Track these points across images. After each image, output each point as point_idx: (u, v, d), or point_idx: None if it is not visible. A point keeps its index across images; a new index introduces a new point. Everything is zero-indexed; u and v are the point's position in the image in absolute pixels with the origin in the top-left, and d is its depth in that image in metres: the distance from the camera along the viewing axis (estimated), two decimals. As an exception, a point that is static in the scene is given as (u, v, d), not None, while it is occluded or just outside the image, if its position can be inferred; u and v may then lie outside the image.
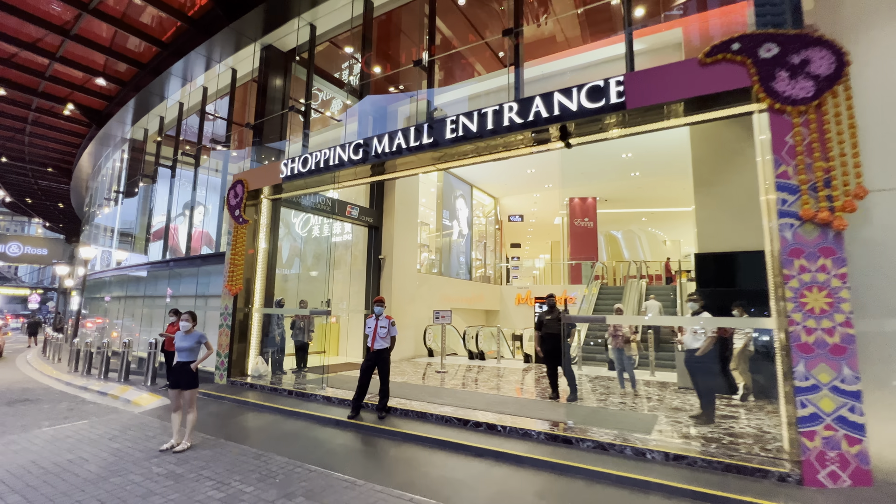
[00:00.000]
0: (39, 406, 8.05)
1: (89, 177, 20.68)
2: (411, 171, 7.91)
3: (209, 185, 13.11)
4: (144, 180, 15.99)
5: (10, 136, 18.29)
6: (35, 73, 12.74)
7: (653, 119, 5.42)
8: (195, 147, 13.06)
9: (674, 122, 5.41)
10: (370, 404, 6.75)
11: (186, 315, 5.65)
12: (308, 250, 13.94)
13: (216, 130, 13.08)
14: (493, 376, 9.79)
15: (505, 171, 17.23)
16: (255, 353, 9.32)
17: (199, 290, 10.93)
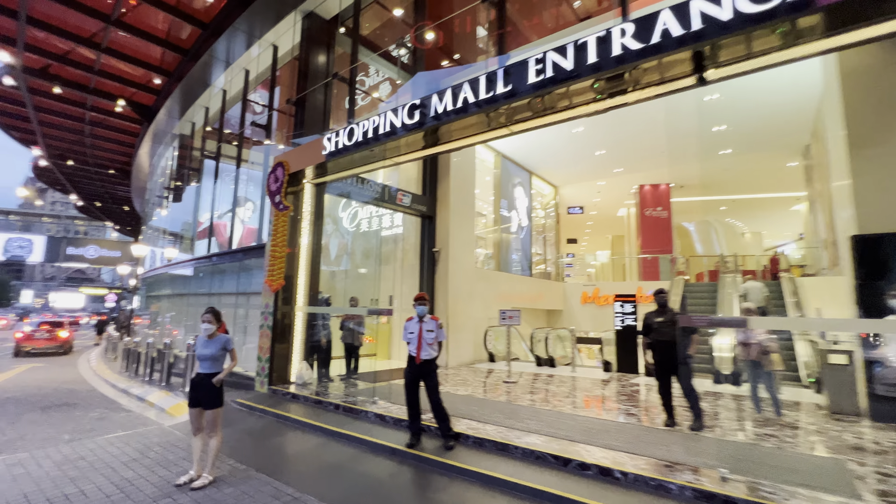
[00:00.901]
0: (71, 413, 7.36)
1: (146, 177, 21.03)
2: (471, 140, 6.41)
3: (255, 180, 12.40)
4: (192, 177, 15.68)
5: (75, 139, 18.77)
6: (86, 69, 12.54)
7: (858, 21, 3.60)
8: (240, 138, 12.34)
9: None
10: (431, 427, 5.35)
11: (208, 314, 4.51)
12: (357, 246, 12.87)
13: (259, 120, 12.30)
14: (573, 389, 8.13)
15: (569, 155, 15.39)
16: (300, 358, 8.24)
17: (241, 287, 10.07)
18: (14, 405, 8.01)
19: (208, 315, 4.49)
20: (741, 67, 4.27)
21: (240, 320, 10.22)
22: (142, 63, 12.33)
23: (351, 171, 7.86)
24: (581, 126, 12.82)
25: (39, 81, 13.22)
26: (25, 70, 12.61)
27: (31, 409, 7.72)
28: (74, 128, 17.25)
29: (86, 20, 10.59)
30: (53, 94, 14.28)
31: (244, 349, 9.77)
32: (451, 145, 6.62)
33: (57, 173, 23.03)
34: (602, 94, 4.97)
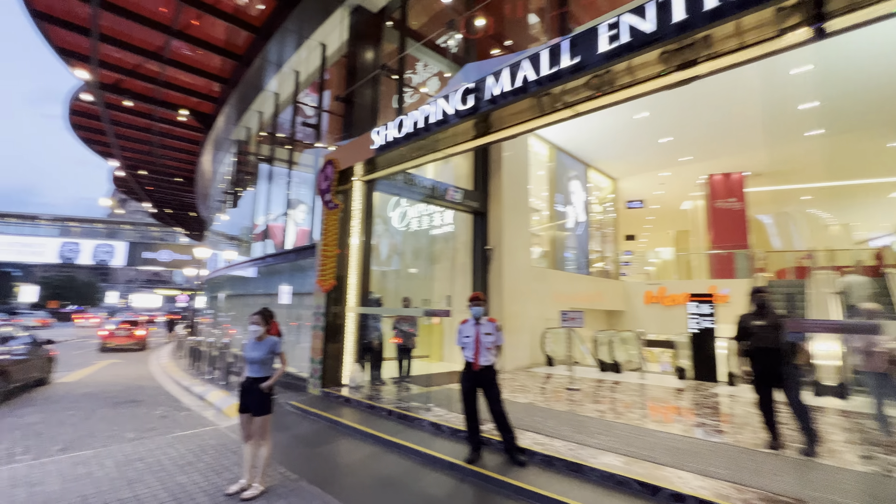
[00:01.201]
0: (137, 410, 7.57)
1: (209, 183, 22.13)
2: (529, 125, 5.81)
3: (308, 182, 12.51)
4: (248, 181, 16.18)
5: (145, 149, 20.08)
6: (151, 81, 13.22)
7: None
8: (292, 141, 12.47)
9: None
10: (493, 440, 4.86)
11: (256, 316, 4.29)
12: (407, 245, 12.62)
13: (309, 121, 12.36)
14: (645, 398, 7.32)
15: (630, 144, 14.31)
16: (352, 360, 8.04)
17: (294, 287, 10.09)
18: (89, 401, 8.40)
19: (257, 316, 4.27)
20: (879, 9, 3.42)
21: (293, 321, 10.25)
22: (201, 72, 12.81)
23: (400, 167, 7.53)
24: (646, 111, 11.81)
25: (113, 96, 14.11)
26: (101, 86, 13.49)
27: (103, 404, 8.04)
28: (144, 139, 18.41)
29: (150, 33, 11.09)
30: (125, 108, 15.24)
31: (297, 349, 9.77)
32: (506, 133, 6.08)
33: (132, 183, 24.90)
34: (688, 61, 4.25)
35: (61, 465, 4.82)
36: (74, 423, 6.67)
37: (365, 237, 8.47)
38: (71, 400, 8.43)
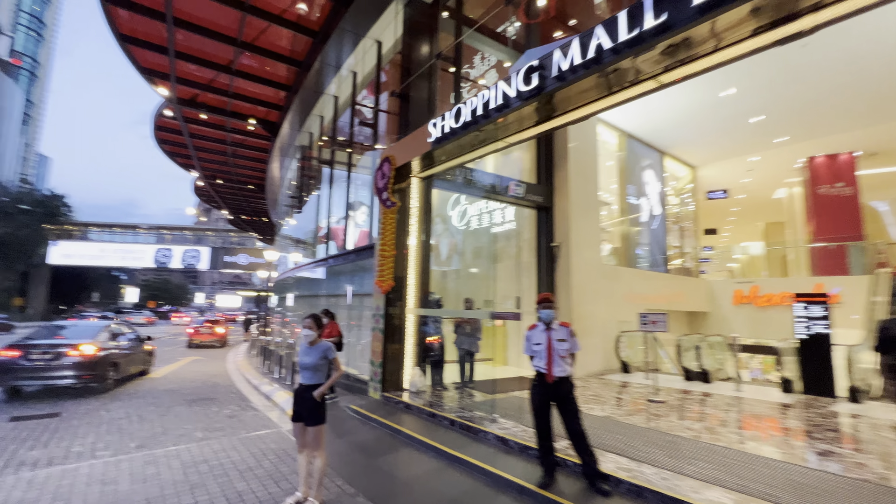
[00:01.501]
0: (209, 408, 7.81)
1: (277, 189, 23.25)
2: (598, 104, 5.11)
3: (367, 183, 12.53)
4: (312, 185, 16.63)
5: (221, 160, 21.46)
6: (223, 93, 13.93)
7: None
8: (351, 144, 12.52)
9: None
10: (570, 462, 4.27)
11: (308, 319, 4.04)
12: (467, 245, 12.20)
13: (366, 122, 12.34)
14: (747, 416, 6.28)
15: (714, 126, 12.82)
16: (412, 363, 7.75)
17: (355, 288, 10.03)
18: (169, 397, 8.85)
19: (309, 320, 4.01)
20: None
21: (354, 322, 10.20)
22: (267, 81, 13.28)
23: (458, 160, 7.10)
24: (733, 87, 10.45)
25: (190, 110, 15.10)
26: (179, 101, 14.46)
27: (180, 401, 8.41)
28: (220, 149, 19.64)
29: (220, 47, 11.63)
30: (201, 121, 16.28)
31: (357, 349, 9.69)
32: (575, 114, 5.42)
33: (211, 192, 26.87)
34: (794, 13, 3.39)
35: (134, 463, 4.93)
36: (152, 419, 6.97)
37: (423, 236, 8.16)
38: (153, 396, 8.93)
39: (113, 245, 54.42)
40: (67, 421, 6.81)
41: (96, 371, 8.75)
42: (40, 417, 7.03)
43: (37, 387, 8.71)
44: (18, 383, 8.27)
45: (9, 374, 8.08)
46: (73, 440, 5.84)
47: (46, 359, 8.29)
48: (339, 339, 7.87)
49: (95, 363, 8.71)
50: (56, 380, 8.30)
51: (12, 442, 5.73)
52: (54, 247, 50.53)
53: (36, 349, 8.34)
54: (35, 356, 8.26)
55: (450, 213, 11.99)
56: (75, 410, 7.54)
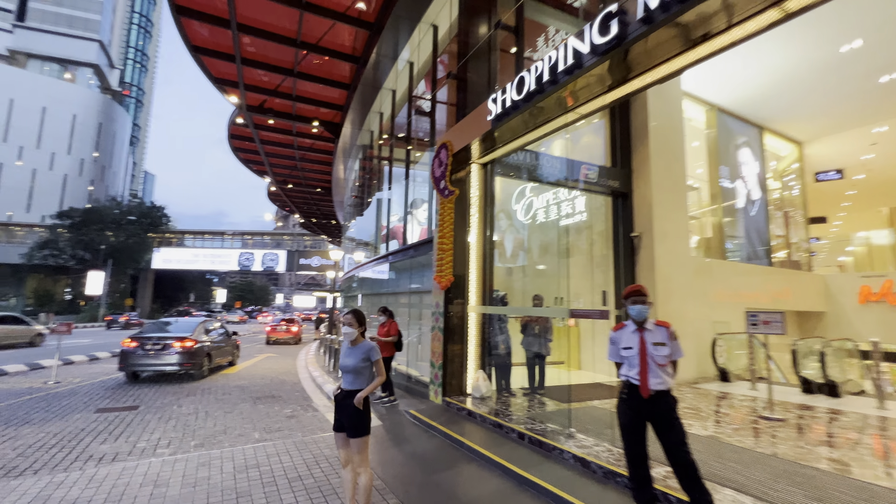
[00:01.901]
0: (272, 407, 7.74)
1: (343, 191, 23.79)
2: (692, 55, 4.12)
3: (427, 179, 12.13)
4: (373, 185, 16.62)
5: (291, 164, 22.34)
6: (287, 97, 14.27)
7: None
8: (410, 139, 12.17)
9: None
10: (673, 497, 3.37)
11: (349, 315, 3.54)
12: (534, 240, 11.32)
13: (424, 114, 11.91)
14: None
15: (830, 91, 10.80)
16: (475, 366, 7.10)
17: (414, 285, 9.59)
18: (237, 394, 8.99)
19: (349, 315, 3.51)
20: None
21: (414, 320, 9.77)
22: (327, 81, 13.36)
23: (522, 140, 6.35)
24: (859, 38, 8.62)
25: (259, 116, 15.69)
26: (248, 108, 15.06)
27: (246, 398, 8.48)
28: (288, 154, 20.41)
29: (281, 49, 11.83)
30: (269, 126, 16.92)
31: (419, 349, 9.24)
32: (662, 70, 4.46)
33: (283, 196, 28.26)
34: None
35: (189, 465, 4.78)
36: (217, 416, 6.98)
37: (485, 228, 7.49)
38: (224, 392, 9.13)
39: (204, 250, 59.81)
40: (142, 415, 7.02)
41: (194, 360, 10.28)
42: (121, 410, 7.33)
43: (150, 372, 10.44)
44: (136, 368, 10.00)
45: (130, 361, 9.87)
46: (141, 435, 5.91)
47: (157, 349, 9.95)
48: (399, 339, 7.45)
49: (194, 353, 10.26)
50: (164, 366, 9.95)
51: (90, 434, 5.91)
52: (157, 253, 56.49)
53: (149, 341, 9.99)
54: (148, 347, 9.94)
55: (514, 208, 11.18)
56: (152, 404, 7.82)
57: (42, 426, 6.27)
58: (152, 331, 10.56)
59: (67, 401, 7.98)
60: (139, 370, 10.09)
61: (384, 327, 7.45)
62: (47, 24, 64.85)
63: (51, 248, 47.40)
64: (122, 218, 52.36)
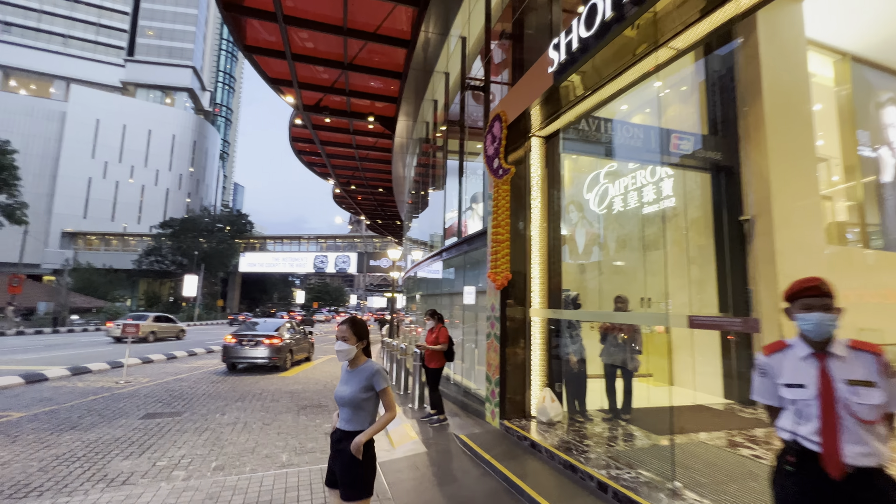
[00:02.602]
0: (314, 420, 7.04)
1: (402, 189, 23.35)
2: None
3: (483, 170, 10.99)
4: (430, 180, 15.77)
5: (352, 165, 22.33)
6: (340, 92, 13.88)
7: None
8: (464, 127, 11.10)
9: None
10: None
11: (344, 326, 2.51)
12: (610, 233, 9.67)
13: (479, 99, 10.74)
14: None
15: None
16: (541, 383, 5.82)
17: (470, 285, 8.47)
18: (287, 400, 8.51)
19: (343, 326, 2.49)
20: None
21: (472, 324, 8.64)
22: (377, 71, 12.74)
23: (593, 100, 4.98)
24: None
25: (316, 115, 15.54)
26: (305, 108, 14.93)
27: (292, 407, 7.93)
28: (348, 154, 20.32)
29: (329, 41, 11.37)
30: (327, 126, 16.77)
31: (475, 355, 8.10)
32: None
33: (347, 198, 28.61)
34: None
35: (197, 495, 4.08)
36: (253, 429, 6.40)
37: (550, 215, 6.18)
38: (274, 398, 8.69)
39: (283, 254, 63.60)
40: (183, 423, 6.65)
41: (280, 355, 12.10)
42: (166, 416, 7.06)
43: (245, 363, 12.06)
44: (234, 360, 11.87)
45: (230, 354, 11.82)
46: (168, 450, 5.43)
47: (251, 345, 11.84)
48: (450, 347, 6.39)
49: (279, 349, 12.08)
50: (256, 359, 11.81)
51: (120, 446, 5.55)
52: (242, 257, 61.03)
53: (245, 338, 11.91)
54: (244, 343, 11.85)
55: (586, 197, 9.61)
56: (199, 410, 7.50)
57: (84, 433, 6.06)
58: (247, 329, 12.45)
59: (124, 403, 7.93)
60: (236, 361, 11.89)
61: (432, 333, 6.44)
62: (151, 57, 73.04)
63: (155, 255, 52.91)
64: (212, 226, 57.20)
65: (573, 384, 5.80)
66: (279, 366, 12.23)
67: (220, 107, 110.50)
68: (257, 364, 11.97)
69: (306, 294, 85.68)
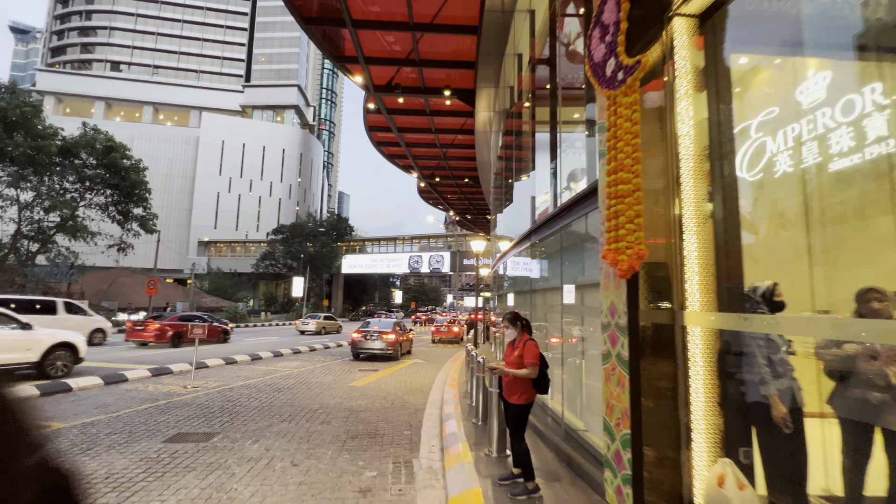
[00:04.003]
0: (358, 459, 5.22)
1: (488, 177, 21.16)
2: None
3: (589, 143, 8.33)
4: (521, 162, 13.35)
5: (434, 153, 20.79)
6: (411, 63, 12.20)
7: None
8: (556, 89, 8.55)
9: None
10: None
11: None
12: (830, 190, 6.36)
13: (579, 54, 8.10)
14: None
15: None
16: (712, 449, 3.23)
17: (568, 278, 5.93)
18: (341, 422, 6.95)
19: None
20: None
21: (573, 336, 6.05)
22: (448, 28, 10.77)
23: None
24: None
25: (388, 96, 14.12)
26: (376, 88, 13.57)
27: (341, 434, 6.29)
28: (428, 141, 18.75)
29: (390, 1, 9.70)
30: (402, 108, 15.30)
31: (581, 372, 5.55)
32: None
33: (433, 192, 27.27)
34: None
35: None
36: (273, 472, 4.77)
37: (713, 152, 3.54)
38: (326, 418, 7.15)
39: (380, 255, 65.48)
40: (201, 454, 5.29)
41: (393, 347, 15.21)
42: (194, 439, 5.83)
43: (367, 353, 15.26)
44: (359, 350, 15.19)
45: (356, 346, 15.22)
46: (161, 493, 4.00)
47: (372, 339, 15.15)
48: (542, 373, 4.10)
49: (392, 343, 15.21)
50: (376, 350, 15.06)
51: (105, 484, 4.26)
52: (344, 259, 64.07)
53: (368, 334, 15.29)
54: (367, 337, 15.22)
55: (775, 145, 6.45)
56: (234, 431, 6.19)
57: (91, 458, 4.99)
58: (365, 327, 16.00)
59: (168, 416, 6.99)
60: (361, 352, 15.15)
61: (514, 349, 4.20)
62: (264, 80, 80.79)
63: (269, 259, 57.75)
64: (316, 230, 60.87)
65: (778, 452, 3.11)
66: (391, 355, 15.19)
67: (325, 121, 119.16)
68: (376, 354, 15.08)
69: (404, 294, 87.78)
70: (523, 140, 11.23)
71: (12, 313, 9.62)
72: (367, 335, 15.02)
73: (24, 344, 9.13)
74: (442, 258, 64.39)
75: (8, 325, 9.16)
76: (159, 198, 65.75)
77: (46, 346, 9.45)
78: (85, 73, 74.20)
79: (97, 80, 72.22)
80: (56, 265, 28.12)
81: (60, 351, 9.74)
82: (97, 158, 26.30)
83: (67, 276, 31.05)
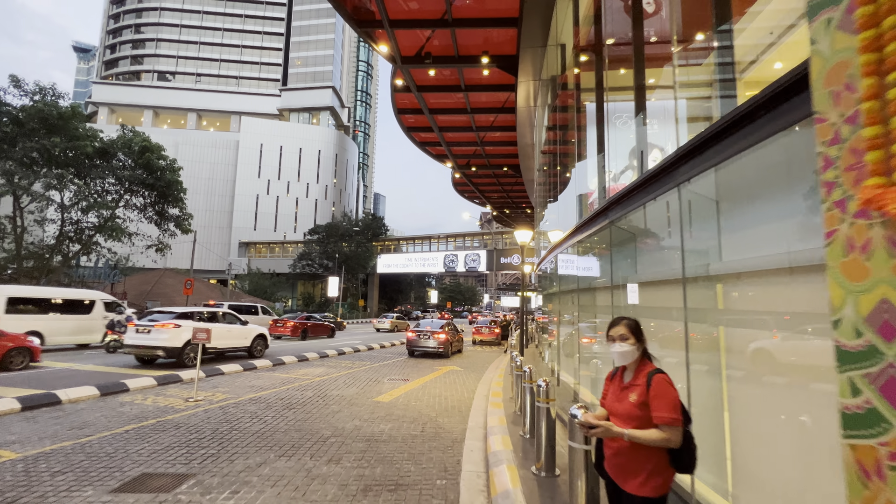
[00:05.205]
0: None
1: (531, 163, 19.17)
2: None
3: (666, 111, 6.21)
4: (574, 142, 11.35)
5: (468, 138, 19.03)
6: (442, 24, 10.50)
7: None
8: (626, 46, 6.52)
9: None
10: None
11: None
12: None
13: None
14: None
15: None
16: None
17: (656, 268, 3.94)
18: (354, 459, 5.33)
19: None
20: None
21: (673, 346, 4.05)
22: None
23: None
24: None
25: (417, 69, 12.50)
26: (403, 60, 11.98)
27: (351, 483, 4.66)
28: (464, 124, 17.03)
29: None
30: (434, 84, 13.65)
31: (710, 438, 3.57)
32: None
33: (469, 183, 25.52)
34: None
35: None
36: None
37: None
38: (336, 453, 5.54)
39: (416, 254, 64.38)
40: (154, 514, 3.79)
41: (444, 346, 16.11)
42: (157, 484, 4.35)
43: (421, 351, 16.49)
44: (413, 348, 16.44)
45: (411, 345, 16.45)
46: None
47: (425, 338, 16.26)
48: (687, 438, 2.18)
49: (444, 342, 16.11)
50: (429, 348, 16.13)
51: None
52: (379, 259, 63.45)
53: (421, 334, 16.42)
54: (421, 337, 16.33)
55: None
56: (218, 470, 4.68)
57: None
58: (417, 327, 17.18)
59: (145, 444, 5.62)
60: (415, 349, 16.42)
61: (628, 388, 2.34)
62: (299, 83, 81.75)
63: (306, 259, 57.86)
64: (351, 230, 60.52)
65: None
66: (443, 353, 16.15)
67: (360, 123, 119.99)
68: (429, 352, 16.24)
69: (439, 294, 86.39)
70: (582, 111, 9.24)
71: (236, 314, 14.39)
72: (421, 334, 16.30)
73: (243, 334, 13.97)
74: (478, 256, 62.42)
75: (236, 322, 13.97)
76: (203, 201, 67.87)
77: (253, 336, 14.25)
78: (134, 83, 77.70)
79: (145, 90, 75.45)
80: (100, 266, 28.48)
81: (259, 340, 14.54)
82: (133, 159, 26.37)
83: (110, 276, 31.45)
